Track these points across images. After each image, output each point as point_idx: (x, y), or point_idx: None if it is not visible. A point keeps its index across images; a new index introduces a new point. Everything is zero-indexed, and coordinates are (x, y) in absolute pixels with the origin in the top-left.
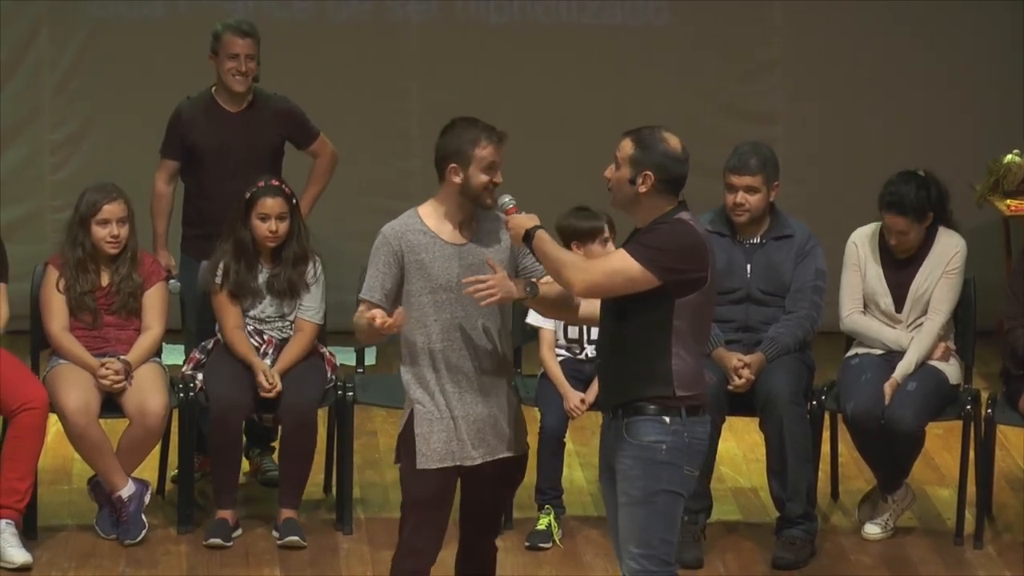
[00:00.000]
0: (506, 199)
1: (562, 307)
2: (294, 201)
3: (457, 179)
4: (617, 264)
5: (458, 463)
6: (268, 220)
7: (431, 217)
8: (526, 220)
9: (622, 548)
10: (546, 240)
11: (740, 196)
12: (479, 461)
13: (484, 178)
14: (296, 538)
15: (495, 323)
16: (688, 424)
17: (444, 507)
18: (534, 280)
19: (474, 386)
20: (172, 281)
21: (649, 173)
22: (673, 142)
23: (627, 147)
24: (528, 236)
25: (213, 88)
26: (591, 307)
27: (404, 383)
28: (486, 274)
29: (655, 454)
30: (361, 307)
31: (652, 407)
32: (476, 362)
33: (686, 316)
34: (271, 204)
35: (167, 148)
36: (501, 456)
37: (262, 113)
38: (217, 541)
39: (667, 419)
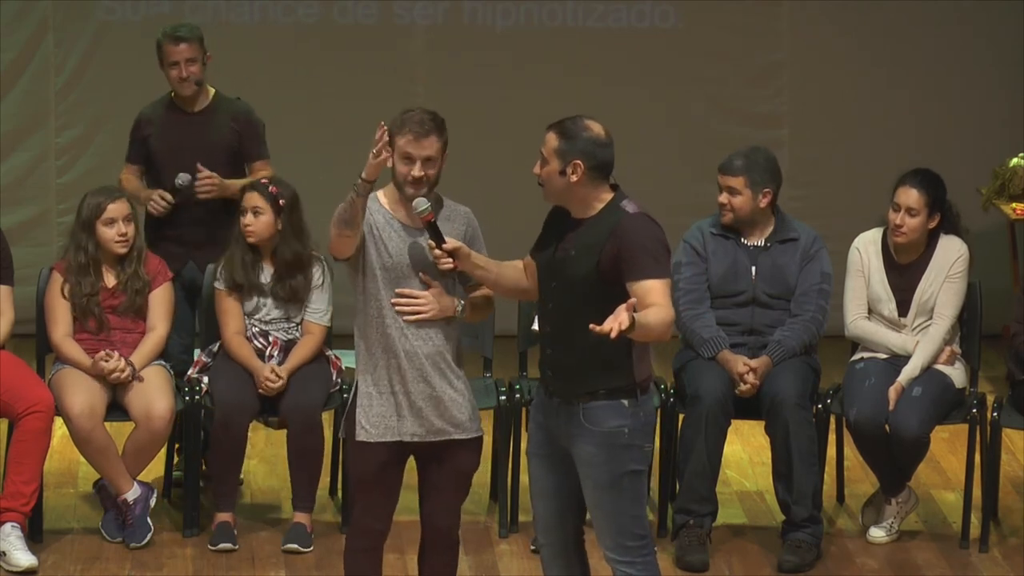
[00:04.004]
0: (422, 203)
1: (483, 311)
2: (281, 202)
3: (389, 163)
4: (667, 293)
5: (398, 439)
6: (245, 213)
7: (389, 200)
8: (624, 316)
9: (596, 534)
10: (643, 320)
11: (723, 196)
12: (420, 440)
13: (402, 168)
14: (295, 546)
15: None
16: (643, 402)
17: (389, 485)
18: (464, 301)
19: (419, 366)
20: (180, 176)
21: (578, 162)
22: (596, 128)
23: (551, 140)
24: (631, 327)
25: (172, 92)
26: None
27: (355, 357)
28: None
29: (618, 439)
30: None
31: (610, 391)
32: (423, 342)
33: None
34: (248, 197)
35: (130, 152)
36: (447, 438)
37: (219, 114)
38: (227, 545)
39: (625, 403)
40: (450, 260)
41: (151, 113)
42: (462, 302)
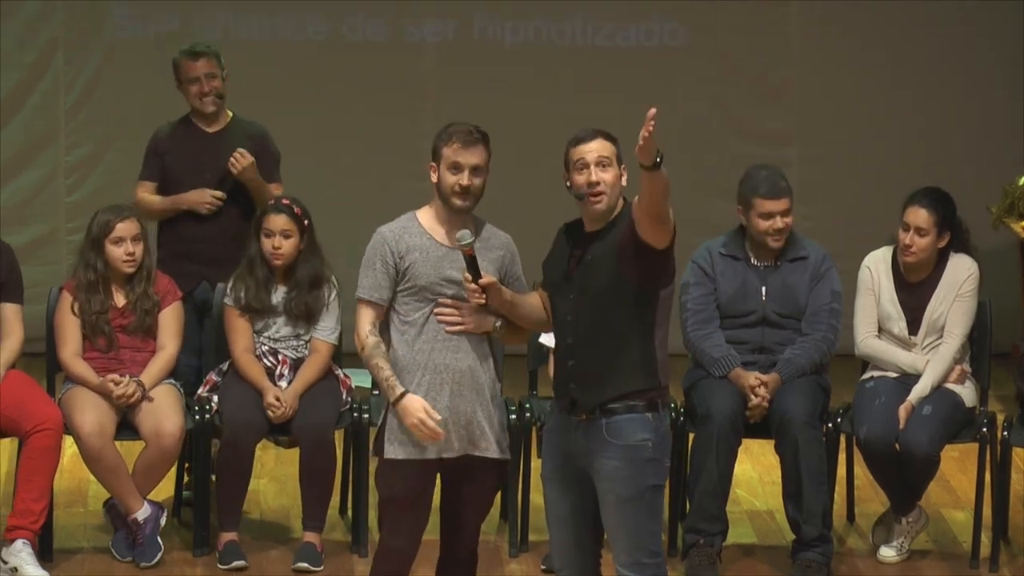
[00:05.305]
0: (465, 236)
1: (518, 335)
2: (306, 222)
3: (434, 178)
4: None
5: (427, 456)
6: (272, 236)
7: (427, 219)
8: (652, 150)
9: (613, 550)
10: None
11: (779, 221)
12: (450, 455)
13: (451, 178)
14: (305, 564)
15: None
16: (663, 417)
17: (418, 505)
18: (501, 323)
19: (452, 383)
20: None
21: (625, 166)
22: None
23: (609, 146)
24: (656, 164)
25: (190, 112)
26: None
27: None
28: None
29: (643, 452)
30: (379, 363)
31: (635, 404)
32: (456, 360)
33: (663, 308)
34: (274, 220)
35: (148, 170)
36: (475, 455)
37: (236, 134)
38: (240, 563)
39: (649, 416)
40: (483, 296)
41: (168, 132)
42: (500, 320)
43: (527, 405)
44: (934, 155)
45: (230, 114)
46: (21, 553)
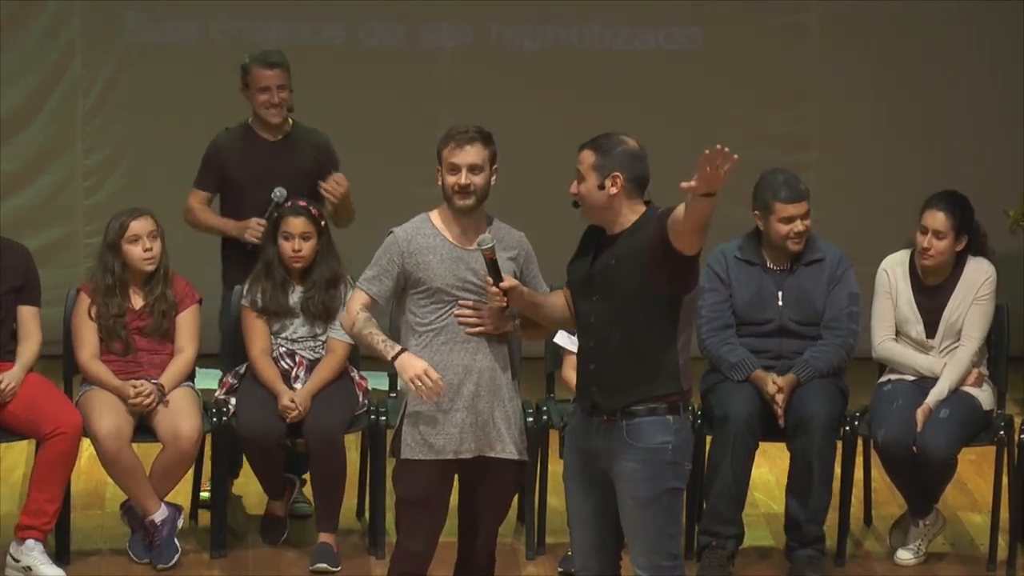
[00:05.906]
0: (486, 241)
1: (537, 331)
2: (323, 223)
3: (439, 181)
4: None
5: (444, 456)
6: (291, 239)
7: (440, 221)
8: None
9: (631, 552)
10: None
11: (800, 224)
12: (467, 456)
13: (450, 179)
14: (324, 565)
15: None
16: (684, 419)
17: (435, 506)
18: (518, 319)
19: (475, 382)
20: (277, 190)
21: (617, 174)
22: (631, 142)
23: (587, 157)
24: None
25: (250, 119)
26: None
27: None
28: (485, 284)
29: (663, 455)
30: (364, 317)
31: (656, 407)
32: (475, 361)
33: (686, 312)
34: (293, 223)
35: (203, 179)
36: (492, 456)
37: (300, 142)
38: (270, 539)
39: (670, 419)
40: (504, 300)
41: (229, 142)
42: (518, 318)
43: (544, 408)
44: (953, 158)
45: (291, 121)
46: (33, 551)
